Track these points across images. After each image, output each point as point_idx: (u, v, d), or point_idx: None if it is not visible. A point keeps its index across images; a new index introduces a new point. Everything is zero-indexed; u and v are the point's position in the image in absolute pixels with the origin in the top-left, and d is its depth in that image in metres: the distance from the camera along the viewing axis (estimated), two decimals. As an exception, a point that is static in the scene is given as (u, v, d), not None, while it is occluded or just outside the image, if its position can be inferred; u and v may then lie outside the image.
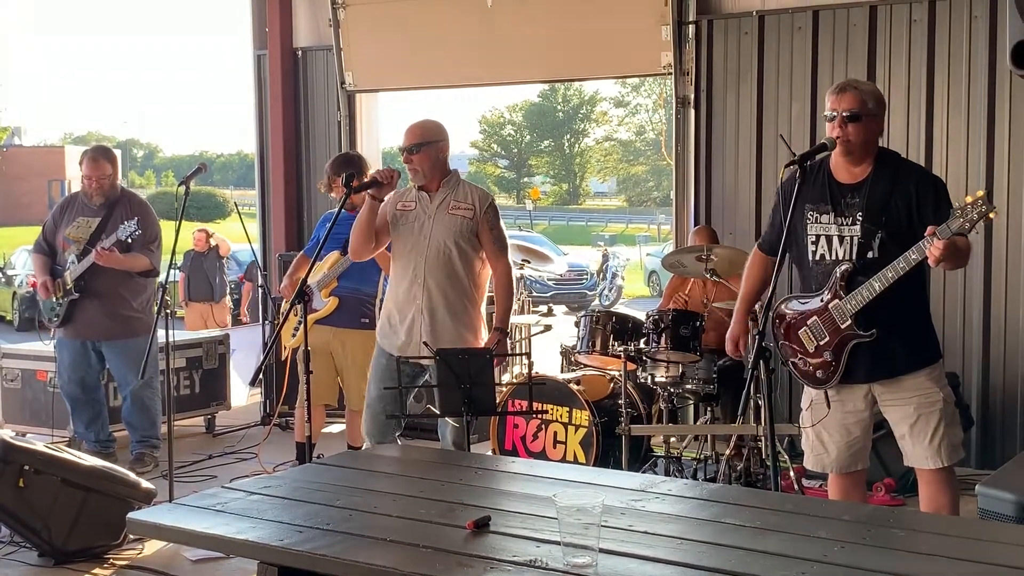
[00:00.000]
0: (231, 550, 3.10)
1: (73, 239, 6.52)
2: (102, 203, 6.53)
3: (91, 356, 6.64)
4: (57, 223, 6.67)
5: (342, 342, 6.01)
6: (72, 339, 6.59)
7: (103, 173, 6.52)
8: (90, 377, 6.70)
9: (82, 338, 6.58)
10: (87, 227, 6.53)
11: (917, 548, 2.70)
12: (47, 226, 6.75)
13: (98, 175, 6.50)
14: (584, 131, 57.92)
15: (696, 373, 5.85)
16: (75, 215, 6.61)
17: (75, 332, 6.57)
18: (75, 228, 6.55)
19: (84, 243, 6.46)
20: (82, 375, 6.65)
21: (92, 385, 6.74)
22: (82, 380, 6.66)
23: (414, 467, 3.77)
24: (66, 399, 6.74)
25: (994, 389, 6.57)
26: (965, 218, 3.67)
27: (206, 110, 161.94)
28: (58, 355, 6.72)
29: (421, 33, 8.39)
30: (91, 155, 6.62)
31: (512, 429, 6.26)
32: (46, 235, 6.72)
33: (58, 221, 6.67)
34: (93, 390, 6.76)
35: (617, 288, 23.18)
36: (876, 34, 6.79)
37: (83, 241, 6.48)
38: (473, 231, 5.01)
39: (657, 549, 2.67)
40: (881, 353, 4.02)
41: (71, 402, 6.72)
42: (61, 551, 4.89)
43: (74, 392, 6.68)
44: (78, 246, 6.48)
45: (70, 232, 6.55)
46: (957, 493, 4.16)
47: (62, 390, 6.74)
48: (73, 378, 6.64)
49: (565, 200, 58.26)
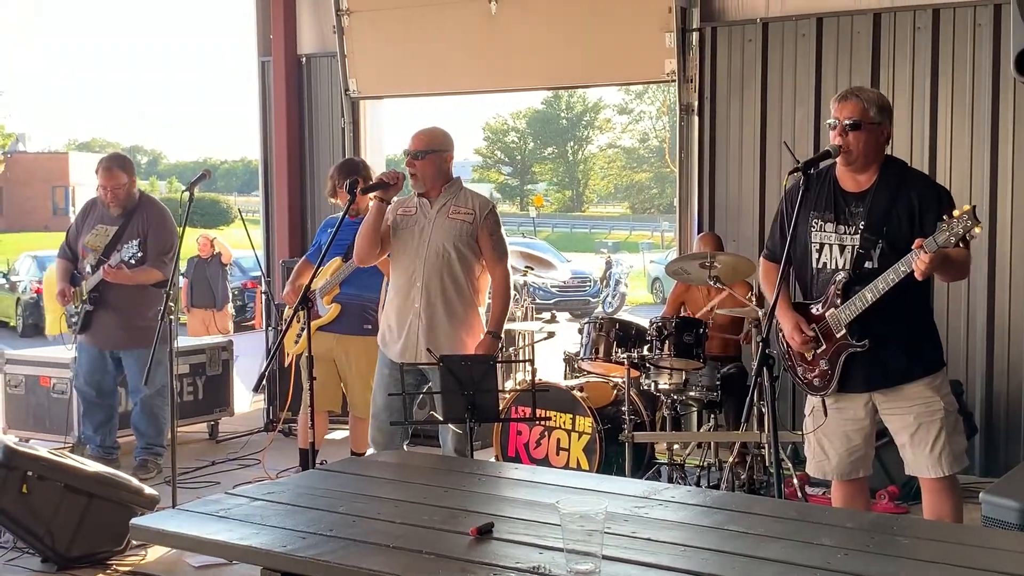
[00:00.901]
0: (234, 556, 3.09)
1: (91, 247, 6.54)
2: (120, 212, 6.52)
3: (108, 362, 6.68)
4: (79, 229, 6.69)
5: (345, 349, 6.01)
6: (91, 345, 6.63)
7: (118, 183, 6.48)
8: (106, 382, 6.74)
9: (100, 346, 6.62)
10: (104, 235, 6.53)
11: (920, 556, 2.69)
12: (70, 231, 6.78)
13: (113, 185, 6.47)
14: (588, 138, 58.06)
15: (699, 380, 5.85)
16: (95, 221, 6.62)
17: (93, 340, 6.61)
18: (93, 236, 6.56)
19: (100, 253, 6.47)
20: (99, 379, 6.70)
21: (108, 390, 6.77)
22: (98, 384, 6.70)
23: (417, 473, 3.77)
24: (80, 399, 6.80)
25: (998, 397, 6.56)
26: (951, 232, 3.66)
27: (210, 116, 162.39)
28: (78, 356, 6.75)
29: (425, 40, 8.40)
30: (106, 165, 6.56)
31: (515, 436, 6.26)
32: (69, 241, 6.75)
33: (80, 227, 6.69)
34: (108, 395, 6.79)
35: (620, 295, 23.18)
36: (880, 41, 6.80)
37: (100, 250, 6.49)
38: (473, 236, 5.01)
39: (660, 556, 2.67)
40: (879, 362, 4.02)
41: (84, 403, 6.77)
42: (64, 557, 4.89)
43: (89, 394, 6.72)
44: (95, 255, 6.49)
45: (88, 240, 6.57)
46: (960, 501, 4.15)
47: (77, 389, 6.79)
48: (90, 381, 6.69)
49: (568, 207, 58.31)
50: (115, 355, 6.64)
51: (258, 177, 9.76)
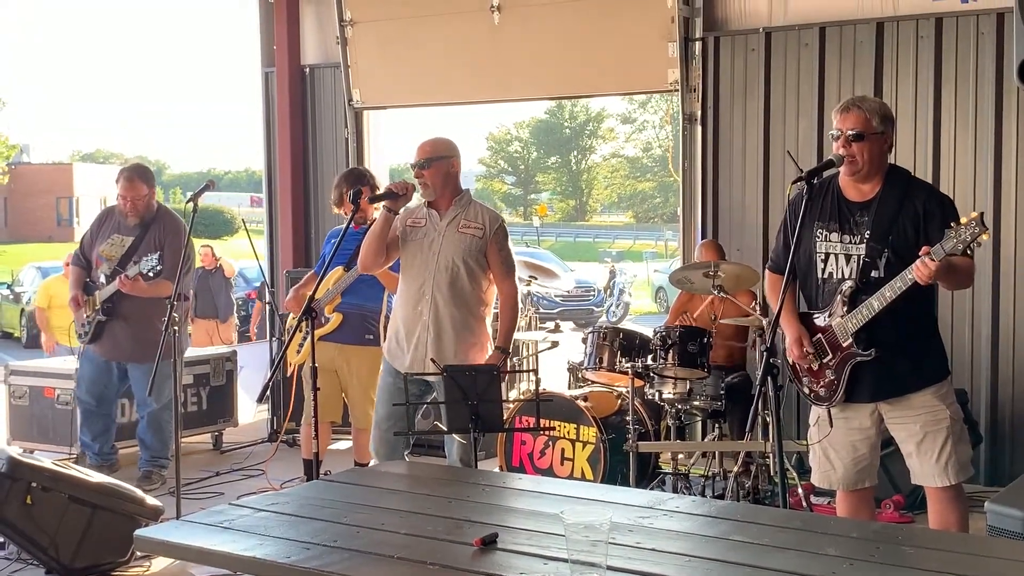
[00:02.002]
0: (238, 567, 3.08)
1: (106, 257, 6.54)
2: (137, 223, 6.54)
3: (114, 374, 6.68)
4: (94, 236, 6.69)
5: (347, 359, 6.00)
6: (98, 355, 6.62)
7: (139, 194, 6.50)
8: (108, 393, 6.75)
9: (108, 358, 6.62)
10: (120, 246, 6.53)
11: (926, 565, 2.68)
12: (84, 239, 6.79)
13: (133, 195, 6.49)
14: (591, 147, 58.06)
15: (704, 390, 5.84)
16: (111, 231, 6.62)
17: (102, 350, 6.61)
18: (109, 246, 6.56)
19: (115, 263, 6.48)
20: (101, 390, 6.71)
21: (108, 401, 6.80)
22: (100, 395, 6.72)
23: (421, 484, 3.76)
24: (80, 407, 6.79)
25: (1003, 405, 6.55)
26: (958, 239, 3.67)
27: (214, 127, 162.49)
28: (80, 365, 6.75)
29: (428, 50, 8.41)
30: (127, 175, 6.57)
31: (519, 446, 6.25)
32: (84, 249, 6.76)
33: (95, 235, 6.69)
34: (108, 405, 6.81)
35: (624, 304, 23.19)
36: (883, 50, 6.80)
37: (115, 260, 6.49)
38: (482, 250, 5.01)
39: (665, 566, 2.66)
40: (885, 372, 4.02)
41: (83, 412, 6.77)
42: (68, 568, 4.89)
43: (89, 404, 6.73)
44: (109, 265, 6.50)
45: (104, 250, 6.57)
46: (966, 510, 4.15)
47: (78, 399, 6.78)
48: (92, 391, 6.70)
49: (572, 216, 58.32)
50: (122, 367, 6.65)
51: (262, 187, 9.77)
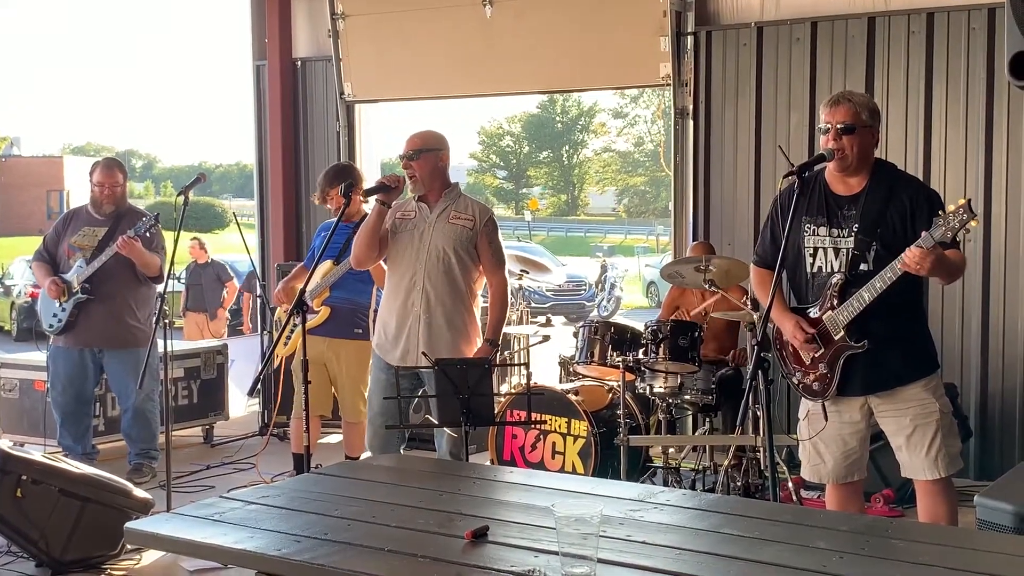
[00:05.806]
0: (229, 560, 3.09)
1: (79, 246, 6.56)
2: (111, 212, 6.59)
3: (89, 367, 6.61)
4: (60, 234, 6.69)
5: (336, 353, 6.00)
6: (71, 347, 6.56)
7: (116, 181, 6.64)
8: (86, 390, 6.68)
9: (82, 346, 6.55)
10: (94, 235, 6.57)
11: (915, 559, 2.69)
12: (48, 237, 6.77)
13: (111, 183, 6.61)
14: (583, 142, 57.98)
15: (695, 384, 5.85)
16: (79, 226, 6.65)
17: (76, 340, 6.54)
18: (81, 236, 6.59)
19: (92, 249, 6.50)
20: (78, 388, 6.62)
21: (87, 398, 6.72)
22: (78, 393, 6.63)
23: (412, 477, 3.76)
24: (56, 411, 6.66)
25: (992, 399, 6.57)
26: (947, 227, 3.70)
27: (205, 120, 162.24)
28: (52, 366, 6.65)
29: (420, 44, 8.40)
30: (105, 163, 6.78)
31: (511, 439, 6.26)
32: (47, 246, 6.73)
33: (61, 232, 6.70)
34: (87, 403, 6.74)
35: (615, 299, 23.19)
36: (874, 45, 6.81)
37: (90, 248, 6.51)
38: (472, 241, 5.02)
39: (655, 559, 2.67)
40: (876, 365, 4.03)
41: (62, 415, 6.65)
42: (58, 561, 4.88)
43: (67, 405, 6.63)
44: (84, 253, 6.52)
45: (76, 240, 6.59)
46: (955, 504, 4.16)
47: (53, 402, 6.66)
48: (68, 391, 6.61)
49: (564, 211, 58.29)
50: (97, 359, 6.59)
51: (253, 181, 9.75)
